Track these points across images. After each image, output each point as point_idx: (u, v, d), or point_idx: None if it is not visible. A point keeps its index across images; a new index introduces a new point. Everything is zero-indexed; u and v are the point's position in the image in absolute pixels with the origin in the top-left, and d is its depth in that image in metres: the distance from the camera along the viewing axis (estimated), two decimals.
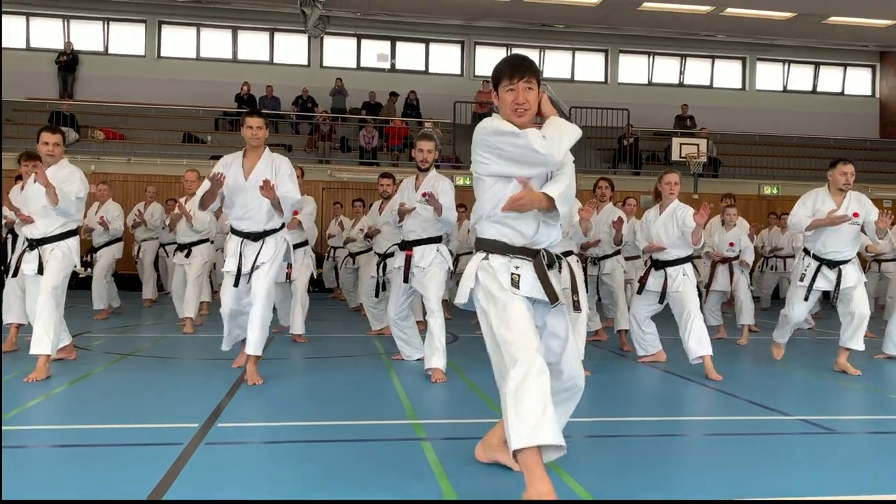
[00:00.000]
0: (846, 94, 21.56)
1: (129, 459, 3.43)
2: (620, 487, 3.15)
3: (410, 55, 20.12)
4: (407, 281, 5.84)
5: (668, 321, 6.81)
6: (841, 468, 3.56)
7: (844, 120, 20.81)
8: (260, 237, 5.32)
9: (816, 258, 6.26)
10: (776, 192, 17.49)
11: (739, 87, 21.20)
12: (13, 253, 5.95)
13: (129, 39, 18.92)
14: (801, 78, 21.46)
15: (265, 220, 5.32)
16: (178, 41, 19.11)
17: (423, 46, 20.11)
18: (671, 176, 6.36)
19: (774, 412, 4.74)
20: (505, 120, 3.01)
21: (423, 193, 5.63)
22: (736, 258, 8.40)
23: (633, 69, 20.75)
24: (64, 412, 4.55)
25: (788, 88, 21.38)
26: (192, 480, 3.11)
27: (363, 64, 19.85)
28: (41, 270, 5.48)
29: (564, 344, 3.08)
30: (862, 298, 6.21)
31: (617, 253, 7.57)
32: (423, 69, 20.06)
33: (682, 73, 21.01)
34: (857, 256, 6.39)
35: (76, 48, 18.29)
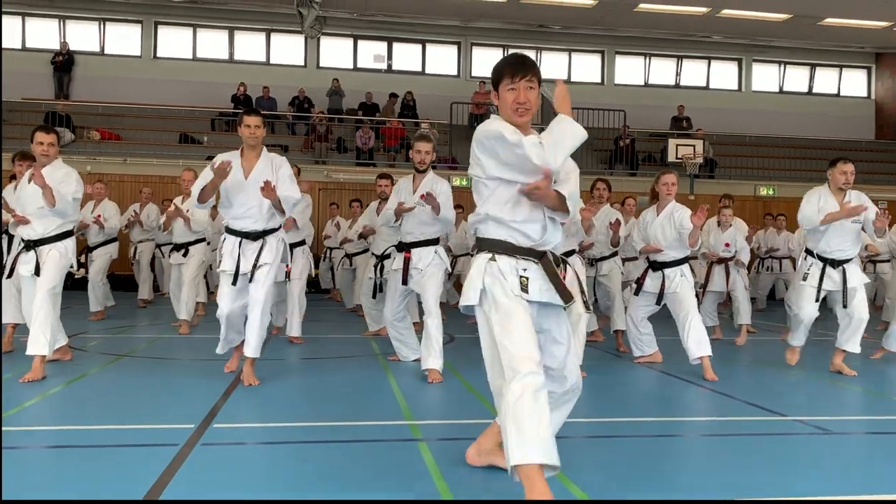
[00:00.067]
0: (842, 95, 21.60)
1: (125, 460, 3.43)
2: (617, 488, 3.15)
3: (407, 56, 20.11)
4: (406, 283, 5.82)
5: (665, 322, 6.82)
6: (838, 468, 3.57)
7: (840, 121, 20.85)
8: (259, 236, 5.30)
9: (820, 258, 6.25)
10: (772, 193, 17.54)
11: (735, 88, 21.23)
12: (9, 253, 5.93)
13: (125, 40, 18.87)
14: (797, 79, 21.50)
15: (266, 218, 5.30)
16: (174, 41, 19.08)
17: (419, 47, 20.11)
18: (668, 176, 6.37)
19: (771, 413, 4.74)
20: (505, 120, 2.95)
21: (421, 195, 5.63)
22: (732, 259, 8.42)
23: (629, 70, 20.77)
24: (60, 413, 4.54)
25: (784, 90, 21.41)
26: (188, 481, 3.11)
27: (360, 65, 19.83)
28: (38, 272, 5.47)
29: (566, 349, 3.06)
30: (862, 302, 6.21)
31: (614, 254, 7.59)
32: (419, 70, 20.06)
33: (678, 74, 21.04)
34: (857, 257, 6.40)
35: (72, 48, 18.23)
